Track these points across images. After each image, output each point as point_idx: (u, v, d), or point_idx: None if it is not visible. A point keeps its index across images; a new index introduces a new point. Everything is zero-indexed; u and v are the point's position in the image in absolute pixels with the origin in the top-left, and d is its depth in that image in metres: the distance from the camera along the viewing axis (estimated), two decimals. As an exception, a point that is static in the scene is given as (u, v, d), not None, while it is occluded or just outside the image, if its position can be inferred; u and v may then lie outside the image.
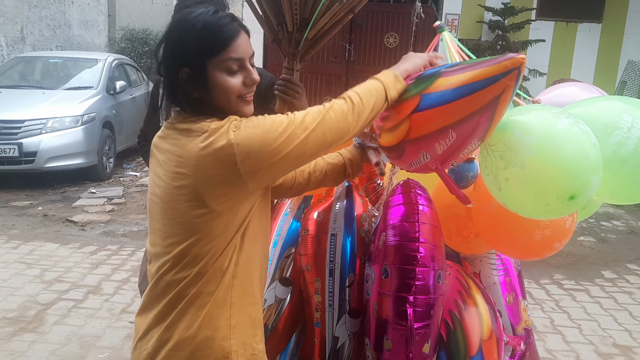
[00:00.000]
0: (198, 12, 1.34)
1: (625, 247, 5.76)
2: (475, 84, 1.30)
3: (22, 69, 8.60)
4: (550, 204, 1.38)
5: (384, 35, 9.21)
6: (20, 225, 5.73)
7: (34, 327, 3.66)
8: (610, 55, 8.79)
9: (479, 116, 1.32)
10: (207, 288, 1.38)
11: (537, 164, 1.35)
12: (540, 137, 1.36)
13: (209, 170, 1.30)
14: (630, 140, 1.43)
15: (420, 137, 1.42)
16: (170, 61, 1.35)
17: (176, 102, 1.39)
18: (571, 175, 1.35)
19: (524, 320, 1.91)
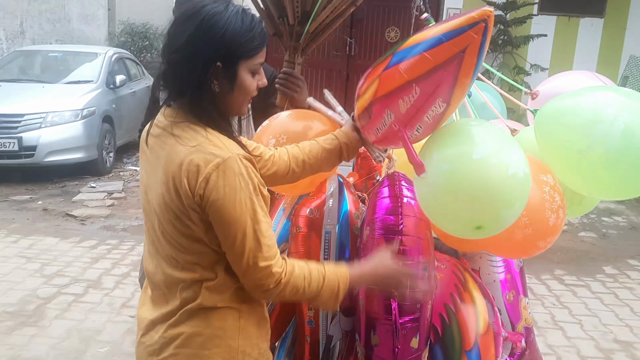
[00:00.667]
0: (235, 9, 1.34)
1: (626, 242, 5.76)
2: (442, 35, 1.29)
3: (21, 62, 8.58)
4: (458, 231, 1.43)
5: (385, 30, 9.17)
6: (20, 220, 5.72)
7: (34, 321, 3.65)
8: (613, 50, 8.75)
9: (442, 70, 1.30)
10: (217, 289, 1.38)
11: (445, 193, 1.37)
12: (452, 166, 1.37)
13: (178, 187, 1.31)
14: (614, 135, 1.38)
15: (386, 94, 1.42)
16: (207, 51, 1.30)
17: (188, 91, 1.34)
18: (476, 208, 1.35)
19: (524, 318, 1.88)
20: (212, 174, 1.27)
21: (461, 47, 1.28)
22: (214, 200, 1.27)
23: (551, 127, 1.52)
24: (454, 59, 1.29)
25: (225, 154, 1.29)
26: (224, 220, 1.30)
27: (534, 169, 1.51)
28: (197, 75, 1.31)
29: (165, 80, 1.38)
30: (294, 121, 1.93)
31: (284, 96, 2.18)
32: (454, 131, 1.45)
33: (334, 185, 1.86)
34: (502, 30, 8.36)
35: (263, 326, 1.49)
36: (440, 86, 1.33)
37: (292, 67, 2.16)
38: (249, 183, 1.30)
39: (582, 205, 1.72)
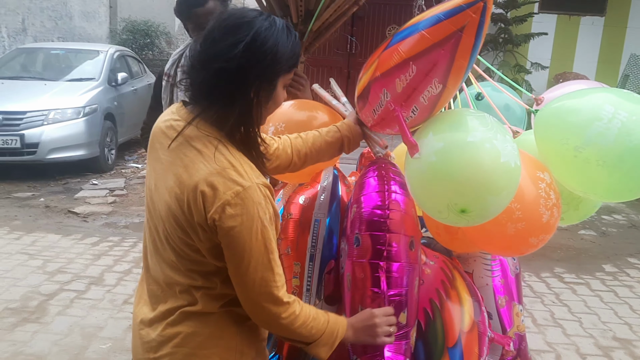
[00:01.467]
0: (282, 24, 1.33)
1: (626, 240, 5.77)
2: (440, 14, 1.31)
3: (23, 60, 8.60)
4: (442, 212, 1.41)
5: (386, 28, 9.18)
6: (23, 217, 5.74)
7: (36, 318, 3.67)
8: (613, 49, 8.76)
9: (439, 49, 1.31)
10: (216, 297, 1.38)
11: (434, 171, 1.37)
12: (446, 145, 1.37)
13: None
14: (610, 131, 1.38)
15: (383, 72, 1.43)
16: (261, 64, 1.28)
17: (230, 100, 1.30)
18: (463, 190, 1.35)
19: (516, 325, 1.85)
20: (232, 201, 1.25)
21: (459, 25, 1.29)
22: (230, 227, 1.26)
23: (549, 125, 1.52)
24: (451, 37, 1.30)
25: (246, 182, 1.27)
26: (239, 248, 1.29)
27: (531, 165, 1.52)
28: (245, 86, 1.28)
29: (204, 88, 1.31)
30: (295, 110, 1.95)
31: (287, 94, 2.20)
32: (452, 116, 1.47)
33: (327, 176, 1.87)
34: (502, 29, 8.37)
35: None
36: (437, 65, 1.34)
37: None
38: (266, 212, 1.29)
39: (579, 211, 1.70)
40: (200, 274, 1.36)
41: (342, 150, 1.74)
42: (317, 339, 1.41)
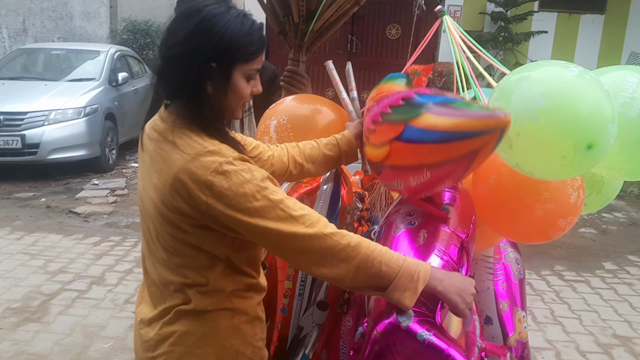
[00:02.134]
0: (236, 12, 1.32)
1: (626, 238, 5.78)
2: (457, 133, 1.28)
3: (24, 60, 8.61)
4: (567, 156, 1.28)
5: (386, 27, 9.18)
6: (24, 217, 5.76)
7: (38, 318, 3.69)
8: (613, 47, 8.75)
9: (455, 164, 1.31)
10: (209, 294, 1.38)
11: (550, 113, 1.27)
12: (550, 86, 1.29)
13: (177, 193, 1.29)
14: (636, 101, 1.37)
15: (397, 166, 1.42)
16: (203, 50, 1.29)
17: (184, 91, 1.31)
18: (587, 122, 1.26)
19: (518, 331, 1.79)
20: (214, 180, 1.25)
21: (475, 147, 1.27)
22: (227, 203, 1.25)
23: None
24: (468, 156, 1.29)
25: (221, 158, 1.27)
26: (249, 217, 1.26)
27: None
28: (192, 74, 1.28)
29: (161, 77, 1.36)
30: (298, 104, 1.94)
31: (288, 93, 2.22)
32: (530, 68, 1.40)
33: (329, 179, 1.86)
34: (502, 27, 8.36)
35: (257, 325, 1.48)
36: (452, 175, 1.34)
37: (297, 65, 2.19)
38: (254, 174, 1.28)
39: (602, 195, 1.67)
40: (191, 270, 1.36)
41: (340, 164, 1.72)
42: (393, 280, 1.28)
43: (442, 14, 1.84)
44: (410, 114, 1.37)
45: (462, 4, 8.76)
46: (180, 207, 1.28)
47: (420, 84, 1.79)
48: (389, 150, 1.41)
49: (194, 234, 1.32)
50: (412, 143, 1.35)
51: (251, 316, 1.45)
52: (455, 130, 1.28)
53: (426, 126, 1.32)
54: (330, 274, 1.30)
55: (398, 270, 1.28)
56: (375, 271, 1.28)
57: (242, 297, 1.42)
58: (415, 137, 1.34)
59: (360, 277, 1.29)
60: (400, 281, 1.28)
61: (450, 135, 1.28)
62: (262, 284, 1.50)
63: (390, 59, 9.13)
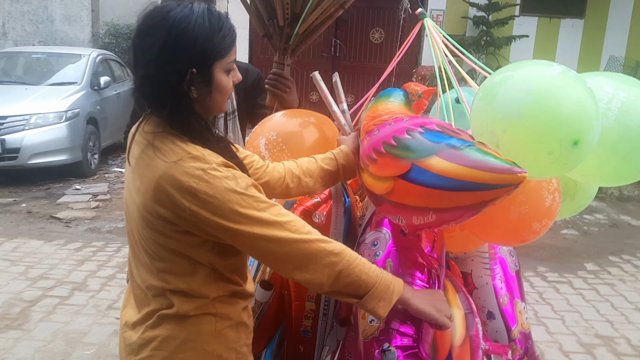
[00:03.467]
0: (201, 10, 1.29)
1: (607, 239, 5.85)
2: (470, 184, 1.24)
3: (4, 64, 8.49)
4: (554, 152, 1.29)
5: (370, 31, 9.22)
6: (4, 222, 5.67)
7: (18, 325, 3.64)
8: (593, 51, 8.88)
9: (463, 211, 1.28)
10: (190, 300, 1.37)
11: (536, 110, 1.28)
12: (535, 83, 1.30)
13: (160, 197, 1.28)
14: (611, 112, 1.38)
15: (401, 203, 1.38)
16: (180, 60, 1.26)
17: (166, 103, 1.29)
18: (573, 119, 1.27)
19: (520, 323, 1.80)
20: (197, 187, 1.24)
21: (487, 199, 1.24)
22: (211, 210, 1.25)
23: None
24: (478, 206, 1.26)
25: (204, 164, 1.26)
26: (233, 225, 1.26)
27: None
28: (173, 85, 1.26)
29: (141, 94, 1.33)
30: (286, 120, 1.92)
31: (273, 97, 2.21)
32: (514, 68, 1.41)
33: (337, 190, 1.82)
34: (484, 31, 8.44)
35: (242, 330, 1.46)
36: (458, 219, 1.31)
37: (282, 68, 2.19)
38: (238, 182, 1.27)
39: (575, 201, 1.68)
40: (172, 276, 1.35)
41: (338, 179, 1.69)
42: (371, 289, 1.32)
43: (423, 17, 1.84)
44: (418, 153, 1.32)
45: (445, 8, 8.83)
46: (161, 213, 1.27)
47: (421, 107, 1.75)
48: (392, 186, 1.37)
49: (175, 239, 1.31)
50: (419, 185, 1.31)
51: (235, 321, 1.44)
52: (467, 180, 1.24)
53: (436, 170, 1.28)
54: (312, 279, 1.31)
55: (376, 281, 1.32)
56: (355, 279, 1.31)
57: (226, 302, 1.41)
58: (423, 180, 1.30)
59: (340, 283, 1.31)
60: (377, 291, 1.32)
61: (461, 184, 1.24)
62: (248, 291, 1.48)
63: (373, 63, 9.17)
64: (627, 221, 6.47)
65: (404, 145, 1.36)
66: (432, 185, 1.28)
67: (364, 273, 1.32)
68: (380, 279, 1.33)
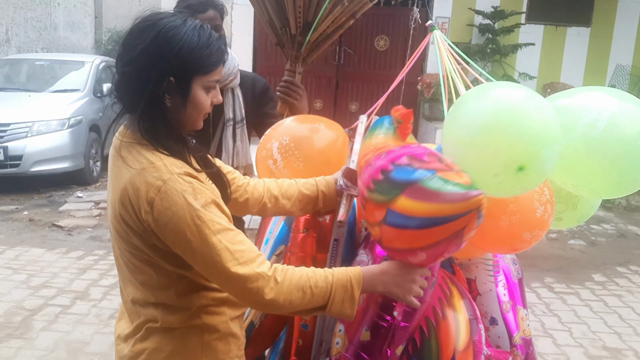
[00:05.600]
0: (193, 24, 1.31)
1: (614, 250, 5.80)
2: (435, 219, 1.29)
3: (7, 71, 8.50)
4: (499, 175, 1.35)
5: (375, 38, 9.22)
6: (6, 230, 5.65)
7: (20, 333, 3.60)
8: (599, 59, 8.87)
9: (446, 243, 1.33)
10: (173, 312, 1.37)
11: (486, 133, 1.34)
12: (494, 106, 1.36)
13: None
14: (599, 122, 1.41)
15: (392, 248, 1.43)
16: (160, 65, 1.27)
17: (139, 106, 1.30)
18: (519, 144, 1.32)
19: (522, 329, 1.83)
20: (155, 198, 1.24)
21: (458, 228, 1.29)
22: (165, 223, 1.24)
23: None
24: (455, 235, 1.30)
25: (165, 175, 1.26)
26: (183, 241, 1.25)
27: None
28: (148, 89, 1.27)
29: (117, 92, 1.34)
30: (297, 125, 1.94)
31: (284, 103, 2.24)
32: (486, 86, 1.48)
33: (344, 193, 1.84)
34: (490, 39, 8.44)
35: (232, 342, 1.46)
36: (447, 252, 1.36)
37: (293, 76, 2.23)
38: (197, 197, 1.26)
39: (577, 211, 1.71)
40: (152, 288, 1.36)
41: (317, 205, 1.68)
42: (330, 298, 1.33)
43: (433, 29, 1.87)
44: (389, 195, 1.36)
45: (450, 16, 8.83)
46: (126, 221, 1.29)
47: (406, 132, 1.79)
48: (380, 232, 1.41)
49: (145, 251, 1.31)
50: (397, 228, 1.36)
51: (223, 333, 1.43)
52: (432, 216, 1.29)
53: (404, 211, 1.32)
54: (265, 310, 1.37)
55: (330, 288, 1.32)
56: (308, 298, 1.31)
57: (213, 313, 1.41)
58: (398, 223, 1.35)
59: (296, 306, 1.32)
60: (336, 297, 1.33)
61: (429, 221, 1.30)
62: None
63: (379, 70, 9.16)
64: (634, 231, 6.42)
65: (379, 188, 1.40)
66: (405, 226, 1.33)
67: (314, 287, 1.32)
68: (333, 284, 1.33)
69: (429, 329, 1.57)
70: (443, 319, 1.59)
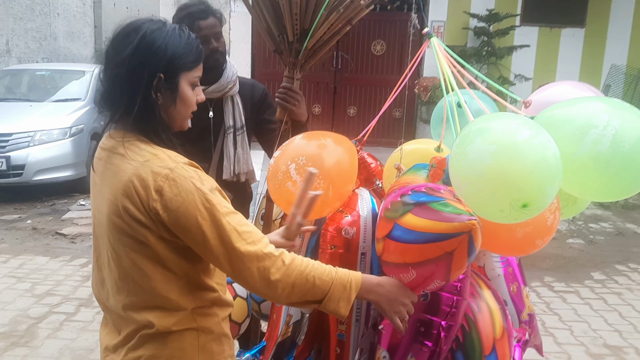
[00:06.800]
0: (172, 26, 1.39)
1: (613, 248, 5.83)
2: (430, 235, 1.39)
3: (8, 82, 8.55)
4: (504, 210, 1.44)
5: (371, 43, 9.27)
6: (10, 239, 5.68)
7: (25, 342, 3.62)
8: (594, 60, 8.91)
9: (435, 265, 1.40)
10: (169, 314, 1.38)
11: (493, 172, 1.41)
12: (499, 147, 1.42)
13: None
14: (606, 138, 1.46)
15: (388, 262, 1.51)
16: (150, 62, 1.33)
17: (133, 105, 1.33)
18: (524, 185, 1.40)
19: (527, 306, 1.97)
20: (164, 186, 1.27)
21: (448, 249, 1.37)
22: (175, 209, 1.27)
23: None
24: (444, 258, 1.38)
25: (171, 164, 1.30)
26: (194, 226, 1.28)
27: None
28: (142, 86, 1.32)
29: (108, 97, 1.39)
30: (308, 143, 1.93)
31: (283, 109, 2.27)
32: (492, 120, 1.54)
33: (367, 205, 1.85)
34: (485, 42, 8.48)
35: (225, 342, 1.48)
36: (434, 274, 1.43)
37: (292, 82, 2.26)
38: (203, 183, 1.31)
39: (576, 205, 1.80)
40: (148, 291, 1.35)
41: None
42: (328, 293, 1.37)
43: (430, 37, 1.91)
44: (400, 212, 1.47)
45: (446, 20, 8.88)
46: (132, 213, 1.29)
47: (437, 177, 1.85)
48: (383, 246, 1.52)
49: (151, 246, 1.32)
50: (398, 242, 1.45)
51: (217, 334, 1.45)
52: (427, 232, 1.39)
53: (407, 226, 1.43)
54: (267, 293, 1.36)
55: (331, 283, 1.37)
56: (309, 287, 1.35)
57: (206, 314, 1.42)
58: (400, 236, 1.45)
59: (295, 294, 1.35)
60: (335, 292, 1.37)
61: (425, 236, 1.39)
62: (225, 299, 1.49)
63: (375, 75, 9.21)
64: (633, 229, 6.46)
65: (394, 208, 1.51)
66: (405, 240, 1.43)
67: (317, 278, 1.36)
68: (335, 280, 1.37)
69: (469, 323, 1.67)
70: (479, 312, 1.69)
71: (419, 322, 1.62)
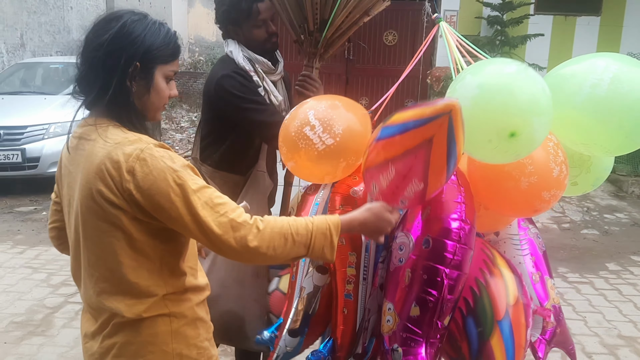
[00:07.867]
0: (153, 20, 1.42)
1: (628, 239, 5.77)
2: (410, 123, 1.39)
3: (22, 75, 8.62)
4: (492, 141, 1.46)
5: (383, 33, 9.22)
6: (25, 231, 5.75)
7: (42, 331, 3.68)
8: (610, 48, 8.75)
9: (413, 156, 1.40)
10: (139, 301, 1.39)
11: (479, 101, 1.45)
12: (486, 78, 1.46)
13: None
14: (604, 82, 1.50)
15: (371, 166, 1.54)
16: (128, 49, 1.36)
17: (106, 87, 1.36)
18: (511, 112, 1.42)
19: (551, 297, 1.94)
20: (135, 165, 1.30)
21: (427, 136, 1.36)
22: (147, 188, 1.29)
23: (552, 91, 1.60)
24: (422, 146, 1.37)
25: (142, 145, 1.33)
26: (167, 203, 1.30)
27: None
28: (118, 71, 1.35)
29: (83, 80, 1.41)
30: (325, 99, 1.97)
31: (301, 96, 2.34)
32: (484, 63, 1.58)
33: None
34: (499, 31, 8.39)
35: (200, 326, 1.50)
36: (413, 169, 1.42)
37: (311, 71, 2.35)
38: (174, 161, 1.33)
39: (591, 174, 1.80)
40: (118, 278, 1.37)
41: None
42: (310, 245, 1.41)
43: (439, 21, 1.95)
44: (389, 117, 1.50)
45: (458, 9, 8.80)
46: (105, 196, 1.31)
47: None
48: (367, 154, 1.56)
49: (125, 229, 1.34)
50: (381, 140, 1.48)
51: (191, 318, 1.47)
52: (410, 119, 1.39)
53: (393, 122, 1.46)
54: (251, 259, 1.39)
55: (310, 234, 1.40)
56: (290, 245, 1.39)
57: (178, 300, 1.44)
58: (384, 134, 1.48)
59: (279, 254, 1.39)
60: (317, 242, 1.41)
61: (406, 125, 1.40)
62: (199, 284, 1.51)
63: (387, 65, 9.16)
64: (648, 220, 6.39)
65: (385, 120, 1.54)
66: (388, 134, 1.46)
67: (295, 234, 1.39)
68: (313, 231, 1.41)
69: (480, 288, 1.69)
70: (492, 276, 1.70)
71: (422, 269, 1.62)
